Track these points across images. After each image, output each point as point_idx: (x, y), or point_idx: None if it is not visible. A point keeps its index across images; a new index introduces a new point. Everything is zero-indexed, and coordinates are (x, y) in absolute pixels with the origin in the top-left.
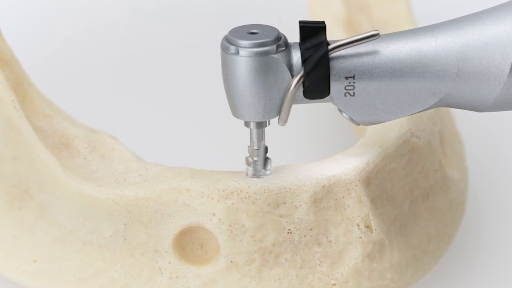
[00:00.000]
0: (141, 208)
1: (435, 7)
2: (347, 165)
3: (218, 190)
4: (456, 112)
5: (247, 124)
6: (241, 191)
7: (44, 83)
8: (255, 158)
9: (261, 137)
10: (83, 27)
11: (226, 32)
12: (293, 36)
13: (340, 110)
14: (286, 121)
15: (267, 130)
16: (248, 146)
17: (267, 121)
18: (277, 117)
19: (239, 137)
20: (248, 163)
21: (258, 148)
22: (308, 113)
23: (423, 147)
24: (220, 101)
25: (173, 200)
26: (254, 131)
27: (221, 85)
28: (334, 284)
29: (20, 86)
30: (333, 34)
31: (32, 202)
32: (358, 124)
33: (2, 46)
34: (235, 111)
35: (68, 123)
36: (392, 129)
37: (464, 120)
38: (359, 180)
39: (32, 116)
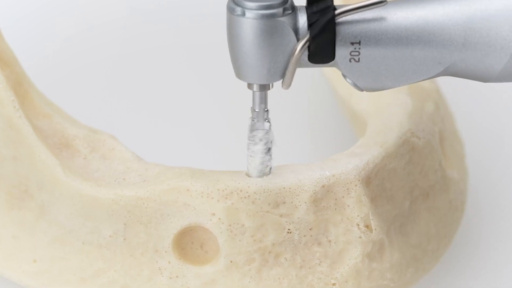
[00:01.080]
0: (141, 208)
1: None
2: (347, 165)
3: (218, 190)
4: (456, 112)
5: (250, 86)
6: (240, 190)
7: (44, 83)
8: (254, 119)
9: (263, 99)
10: (83, 27)
11: (225, 33)
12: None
13: (344, 76)
14: (289, 85)
15: None
16: (250, 107)
17: (270, 84)
18: (281, 80)
19: (239, 137)
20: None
21: (259, 110)
22: (308, 112)
23: (423, 147)
24: (220, 101)
25: (173, 200)
26: (257, 93)
27: (222, 85)
28: (334, 284)
29: (20, 86)
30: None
31: (32, 202)
32: (362, 90)
33: (2, 46)
34: (239, 73)
35: (68, 123)
36: (392, 129)
37: (464, 120)
38: (359, 180)
39: (32, 116)
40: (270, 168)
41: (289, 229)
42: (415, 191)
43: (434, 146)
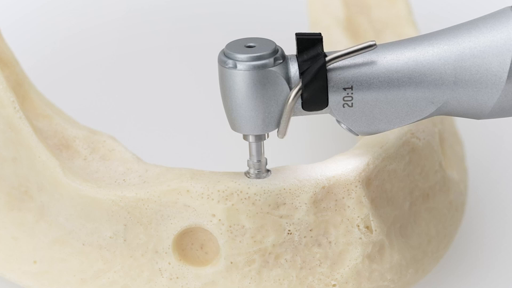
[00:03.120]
0: (141, 209)
1: (435, 7)
2: (347, 166)
3: (218, 191)
4: None
5: (246, 137)
6: (241, 192)
7: (44, 84)
8: (256, 171)
9: (260, 150)
10: (83, 27)
11: (225, 33)
12: (295, 30)
13: (338, 121)
14: (285, 134)
15: None
16: (248, 160)
17: (266, 134)
18: (276, 129)
19: (239, 138)
20: (248, 175)
21: (258, 161)
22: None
23: (423, 148)
24: (220, 101)
25: (173, 201)
26: (253, 144)
27: None
28: (334, 285)
29: (20, 87)
30: (333, 35)
31: (32, 203)
32: (357, 135)
33: (2, 47)
34: (234, 125)
35: (68, 124)
36: (392, 130)
37: (464, 121)
38: (359, 181)
39: (32, 117)
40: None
41: (289, 230)
42: (415, 192)
43: (434, 147)
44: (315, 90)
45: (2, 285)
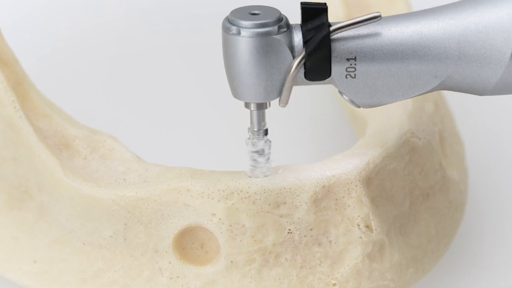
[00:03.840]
0: (141, 208)
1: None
2: (347, 165)
3: (218, 190)
4: (456, 113)
5: (247, 105)
6: (241, 191)
7: (44, 83)
8: (254, 140)
9: (261, 118)
10: (82, 27)
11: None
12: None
13: (340, 92)
14: (286, 103)
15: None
16: (248, 128)
17: (268, 103)
18: (278, 99)
19: (239, 137)
20: (248, 146)
21: (258, 129)
22: (308, 113)
23: (423, 147)
24: (220, 101)
25: (173, 200)
26: (255, 112)
27: (222, 86)
28: (334, 284)
29: (20, 87)
30: None
31: (32, 203)
32: (359, 107)
33: (2, 47)
34: (236, 92)
35: (68, 124)
36: (392, 129)
37: (464, 120)
38: (359, 180)
39: (32, 117)
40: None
41: (289, 230)
42: (415, 191)
43: (434, 147)
44: (318, 60)
45: (2, 285)
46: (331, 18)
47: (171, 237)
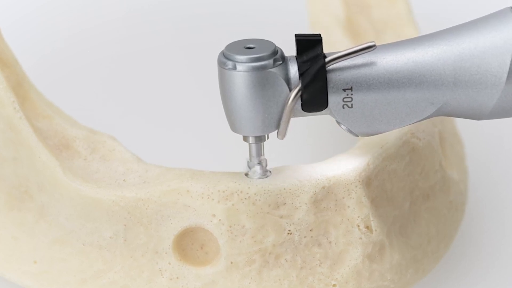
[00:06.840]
0: (141, 209)
1: (435, 7)
2: (347, 166)
3: (218, 191)
4: None
5: (246, 138)
6: (241, 192)
7: (44, 84)
8: (256, 173)
9: (260, 151)
10: (82, 27)
11: (225, 33)
12: (295, 31)
13: (338, 122)
14: (285, 135)
15: None
16: (248, 161)
17: (266, 135)
18: (276, 130)
19: (239, 138)
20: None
21: (258, 162)
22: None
23: (423, 148)
24: (220, 101)
25: (173, 201)
26: (253, 146)
27: None
28: (334, 285)
29: (20, 87)
30: (333, 35)
31: (32, 203)
32: (357, 136)
33: (2, 47)
34: (234, 126)
35: (68, 124)
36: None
37: (464, 121)
38: (359, 181)
39: (32, 117)
40: (270, 171)
41: (289, 230)
42: (415, 192)
43: (434, 147)
44: (315, 91)
45: (2, 285)
46: (331, 18)
47: (171, 238)
